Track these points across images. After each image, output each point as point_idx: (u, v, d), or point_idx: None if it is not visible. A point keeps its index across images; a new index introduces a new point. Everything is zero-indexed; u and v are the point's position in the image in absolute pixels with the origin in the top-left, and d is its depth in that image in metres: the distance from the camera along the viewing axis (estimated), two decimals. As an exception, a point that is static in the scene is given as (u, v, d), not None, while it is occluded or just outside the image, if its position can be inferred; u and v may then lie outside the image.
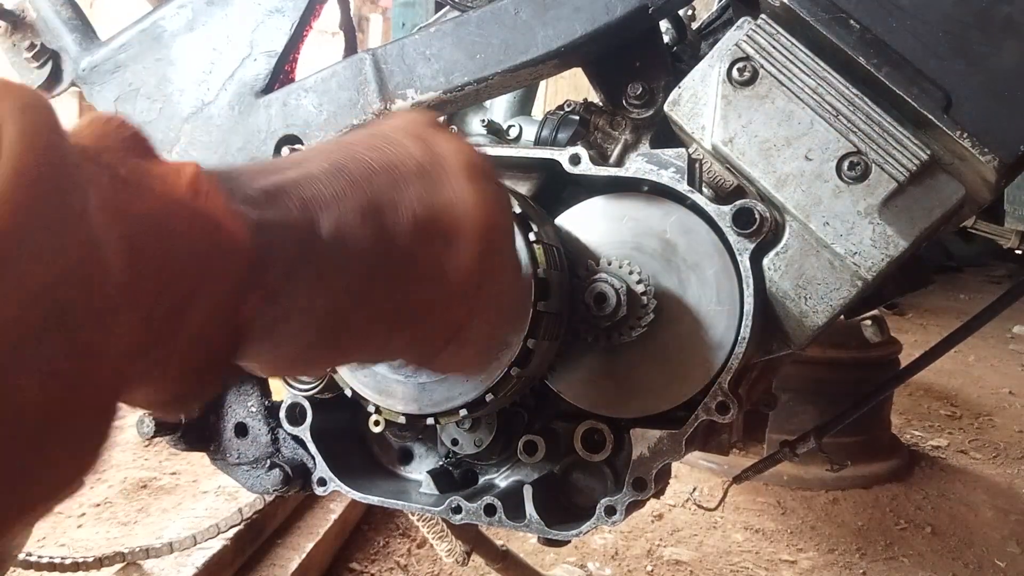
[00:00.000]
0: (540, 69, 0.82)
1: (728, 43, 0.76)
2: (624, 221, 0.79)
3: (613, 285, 0.75)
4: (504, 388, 0.72)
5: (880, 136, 0.71)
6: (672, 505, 2.70)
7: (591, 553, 2.40)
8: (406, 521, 2.40)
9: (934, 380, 4.17)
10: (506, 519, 0.79)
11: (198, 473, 2.49)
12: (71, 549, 2.05)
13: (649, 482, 0.75)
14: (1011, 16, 0.68)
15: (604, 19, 0.78)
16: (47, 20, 1.03)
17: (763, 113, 0.74)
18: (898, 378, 1.24)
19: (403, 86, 0.85)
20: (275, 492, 0.92)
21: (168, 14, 0.96)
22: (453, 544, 1.59)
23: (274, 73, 0.92)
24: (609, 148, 0.87)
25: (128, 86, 0.98)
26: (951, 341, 1.05)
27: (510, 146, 0.90)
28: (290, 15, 0.93)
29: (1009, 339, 5.24)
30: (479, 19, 0.82)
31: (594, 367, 0.80)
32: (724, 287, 0.75)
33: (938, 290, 6.41)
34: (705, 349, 0.76)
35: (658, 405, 0.77)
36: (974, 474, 3.19)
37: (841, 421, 1.18)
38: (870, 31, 0.71)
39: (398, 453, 0.94)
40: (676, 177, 0.77)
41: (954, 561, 2.52)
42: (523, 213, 0.72)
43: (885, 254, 0.71)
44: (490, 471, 0.89)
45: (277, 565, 2.05)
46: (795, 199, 0.73)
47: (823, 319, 0.75)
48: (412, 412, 0.75)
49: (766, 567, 2.42)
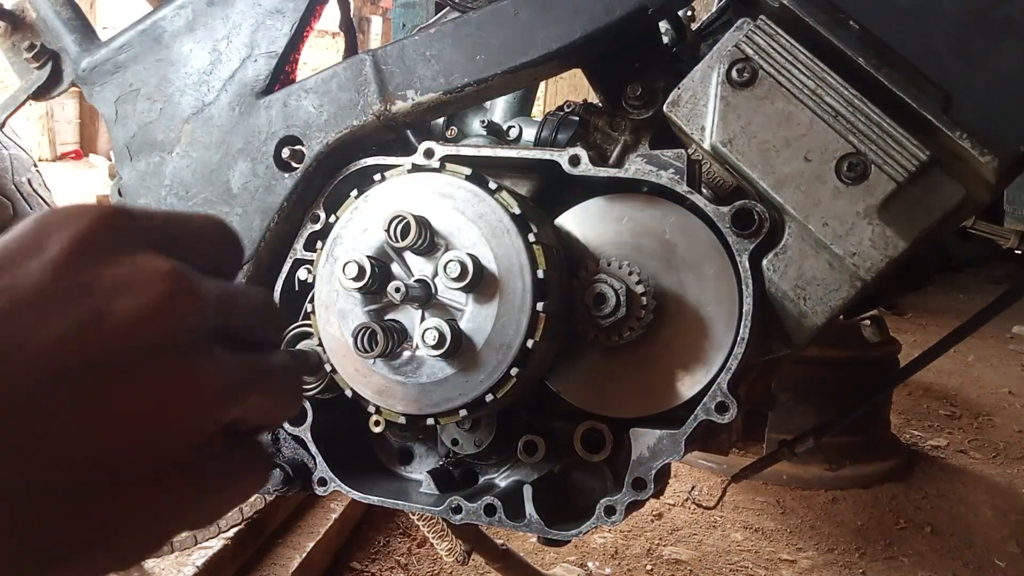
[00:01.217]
0: (540, 70, 0.82)
1: (727, 44, 0.76)
2: (624, 221, 0.79)
3: (613, 286, 0.75)
4: (504, 388, 0.72)
5: (879, 137, 0.71)
6: (671, 504, 2.70)
7: (591, 552, 2.40)
8: (406, 520, 2.40)
9: (934, 380, 4.17)
10: (506, 519, 0.79)
11: (198, 473, 2.49)
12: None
13: (648, 482, 0.76)
14: (1011, 16, 0.68)
15: (604, 20, 0.78)
16: (47, 20, 1.03)
17: (762, 114, 0.74)
18: (897, 378, 1.24)
19: (403, 87, 0.85)
20: (276, 492, 0.92)
21: (168, 15, 0.97)
22: (453, 543, 1.59)
23: (274, 74, 0.92)
24: (609, 149, 0.87)
25: (128, 86, 0.98)
26: (950, 341, 1.05)
27: (510, 147, 0.91)
28: (290, 16, 0.93)
29: (1009, 339, 5.24)
30: (479, 20, 0.82)
31: (594, 367, 0.80)
32: (723, 288, 0.76)
33: (938, 290, 6.41)
34: (704, 349, 0.76)
35: (658, 405, 0.78)
36: (974, 474, 3.19)
37: (841, 421, 1.19)
38: (869, 31, 0.71)
39: (398, 453, 0.95)
40: (675, 178, 0.77)
41: (954, 561, 2.52)
42: (522, 214, 0.72)
43: (884, 255, 0.71)
44: (490, 471, 0.89)
45: (278, 564, 2.05)
46: (794, 200, 0.73)
47: (822, 319, 0.75)
48: (412, 412, 0.75)
49: (765, 566, 2.42)
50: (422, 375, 0.74)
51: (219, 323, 0.38)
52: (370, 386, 0.76)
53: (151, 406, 0.34)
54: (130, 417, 0.33)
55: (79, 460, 0.32)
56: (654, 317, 0.77)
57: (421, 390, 0.74)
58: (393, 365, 0.75)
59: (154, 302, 0.34)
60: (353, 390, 0.78)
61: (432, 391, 0.74)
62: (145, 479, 0.34)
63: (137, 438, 0.33)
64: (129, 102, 0.98)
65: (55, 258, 0.33)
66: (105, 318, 0.33)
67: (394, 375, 0.75)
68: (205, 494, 0.38)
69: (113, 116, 0.98)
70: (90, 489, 0.33)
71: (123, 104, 0.98)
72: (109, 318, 0.33)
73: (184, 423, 0.35)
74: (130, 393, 0.33)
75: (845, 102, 0.72)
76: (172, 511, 0.37)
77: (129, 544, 0.36)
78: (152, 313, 0.34)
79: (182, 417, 0.35)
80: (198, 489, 0.37)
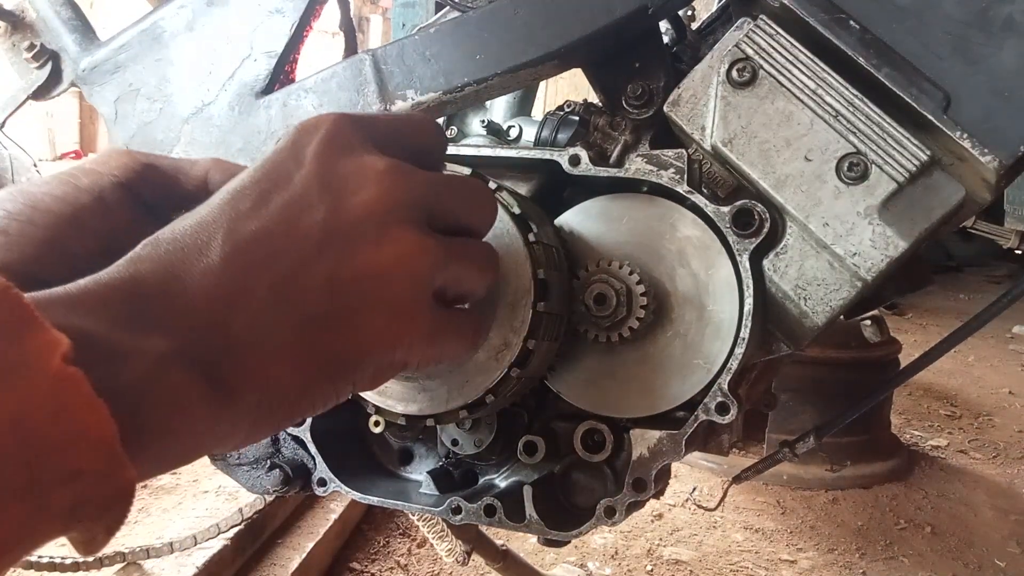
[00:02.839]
0: (540, 70, 0.82)
1: (727, 44, 0.76)
2: (624, 221, 0.79)
3: (613, 286, 0.75)
4: (504, 389, 0.72)
5: (880, 137, 0.71)
6: (672, 505, 2.70)
7: (591, 553, 2.40)
8: (406, 521, 2.41)
9: (934, 380, 4.17)
10: (506, 519, 0.79)
11: (198, 473, 2.49)
12: (71, 549, 2.05)
13: (649, 482, 0.75)
14: (1011, 16, 0.68)
15: (604, 20, 0.78)
16: (47, 20, 1.03)
17: (763, 114, 0.74)
18: (898, 378, 1.24)
19: (403, 87, 0.85)
20: (275, 492, 0.92)
21: (168, 14, 0.96)
22: (453, 544, 1.59)
23: (274, 74, 0.92)
24: (609, 148, 0.87)
25: (128, 86, 0.98)
26: (951, 341, 1.05)
27: (510, 147, 0.90)
28: (290, 16, 0.93)
29: (1009, 339, 5.24)
30: (479, 19, 0.82)
31: (594, 367, 0.80)
32: (724, 288, 0.76)
33: (938, 290, 6.42)
34: (704, 350, 0.76)
35: (658, 405, 0.78)
36: (974, 474, 3.19)
37: (841, 421, 1.18)
38: (870, 31, 0.71)
39: (398, 453, 0.94)
40: (676, 178, 0.77)
41: (954, 561, 2.53)
42: (522, 214, 0.72)
43: (885, 255, 0.71)
44: (490, 471, 0.89)
45: (277, 565, 2.05)
46: (795, 200, 0.73)
47: (823, 320, 0.75)
48: (412, 413, 0.75)
49: (766, 567, 2.42)
50: (422, 375, 0.74)
51: (430, 205, 0.51)
52: (370, 386, 0.76)
53: (381, 261, 0.47)
54: (368, 270, 0.47)
55: (336, 299, 0.46)
56: (654, 317, 0.77)
57: (421, 390, 0.74)
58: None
59: (378, 192, 0.48)
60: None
61: (432, 391, 0.74)
62: (382, 314, 0.48)
63: (374, 285, 0.47)
64: (129, 102, 0.98)
65: (309, 171, 0.48)
66: (345, 205, 0.47)
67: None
68: (426, 336, 0.51)
69: (113, 116, 0.98)
70: (347, 320, 0.46)
71: (123, 104, 0.98)
72: (348, 205, 0.47)
73: (404, 276, 0.48)
74: (366, 253, 0.47)
75: (846, 102, 0.72)
76: (402, 343, 0.50)
77: (374, 366, 0.49)
78: (376, 199, 0.48)
79: (401, 271, 0.48)
80: (420, 330, 0.50)
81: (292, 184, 0.47)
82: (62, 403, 0.33)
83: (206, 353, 0.42)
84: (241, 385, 0.43)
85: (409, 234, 0.49)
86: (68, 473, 0.34)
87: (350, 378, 0.49)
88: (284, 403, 0.46)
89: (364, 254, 0.47)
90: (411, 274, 0.48)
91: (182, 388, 0.40)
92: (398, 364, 0.51)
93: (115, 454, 0.35)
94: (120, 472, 0.36)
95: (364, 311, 0.47)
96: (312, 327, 0.45)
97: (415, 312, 0.49)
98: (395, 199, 0.49)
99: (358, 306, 0.47)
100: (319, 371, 0.46)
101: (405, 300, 0.49)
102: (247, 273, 0.44)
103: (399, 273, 0.48)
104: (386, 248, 0.47)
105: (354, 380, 0.49)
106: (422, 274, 0.49)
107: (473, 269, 0.55)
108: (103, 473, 0.35)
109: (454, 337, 0.56)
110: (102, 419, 0.35)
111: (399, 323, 0.49)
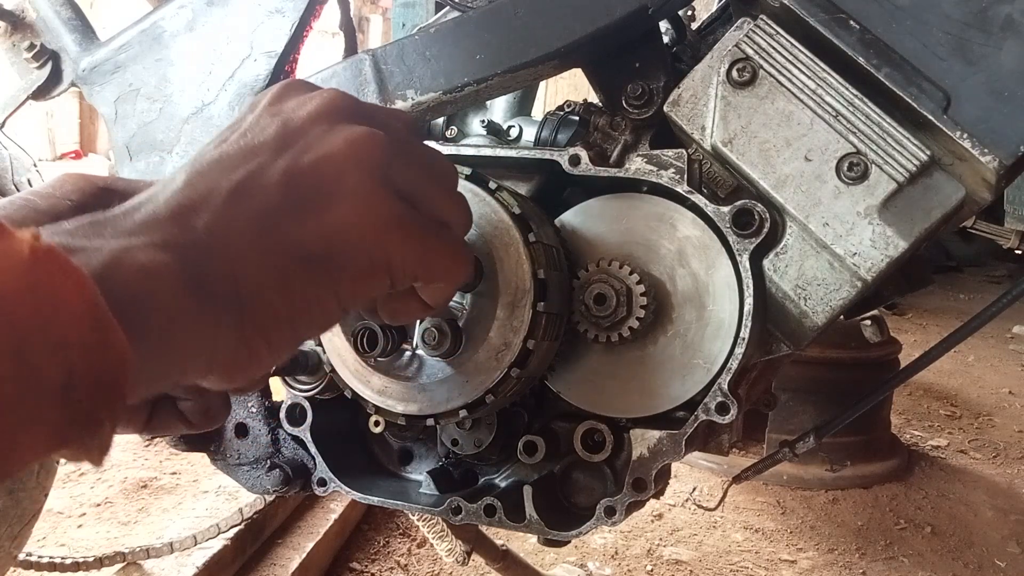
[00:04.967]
0: (540, 70, 0.82)
1: (727, 44, 0.76)
2: (624, 221, 0.79)
3: (613, 286, 0.75)
4: (504, 388, 0.72)
5: (880, 137, 0.71)
6: (672, 505, 2.70)
7: (591, 553, 2.40)
8: (406, 521, 2.41)
9: (934, 380, 4.17)
10: (506, 519, 0.79)
11: (198, 473, 2.49)
12: (71, 549, 2.05)
13: (649, 482, 0.75)
14: (1011, 16, 0.68)
15: (604, 20, 0.78)
16: (47, 20, 1.03)
17: (763, 114, 0.74)
18: (898, 378, 1.24)
19: (403, 87, 0.85)
20: (275, 492, 0.92)
21: (168, 15, 0.96)
22: (453, 544, 1.59)
23: (274, 74, 0.92)
24: (609, 148, 0.87)
25: (128, 86, 0.98)
26: (951, 341, 1.05)
27: (510, 147, 0.90)
28: (290, 16, 0.93)
29: (1009, 339, 5.24)
30: (479, 19, 0.82)
31: (594, 367, 0.80)
32: (724, 288, 0.76)
33: (938, 290, 6.41)
34: (705, 350, 0.76)
35: (658, 405, 0.78)
36: (974, 474, 3.19)
37: (841, 421, 1.18)
38: (870, 31, 0.71)
39: (398, 453, 0.94)
40: (676, 178, 0.77)
41: (954, 561, 2.53)
42: (522, 214, 0.72)
43: (885, 255, 0.71)
44: (490, 471, 0.89)
45: (277, 565, 2.05)
46: (795, 200, 0.73)
47: (823, 320, 0.75)
48: (412, 413, 0.75)
49: (766, 567, 2.42)
50: (422, 375, 0.74)
51: (399, 173, 0.52)
52: (370, 386, 0.76)
53: (332, 148, 0.50)
54: (320, 159, 0.49)
55: (291, 189, 0.48)
56: (654, 317, 0.77)
57: (421, 390, 0.74)
58: (393, 365, 0.75)
59: (329, 96, 0.53)
60: (353, 390, 0.78)
61: (432, 391, 0.74)
62: (339, 200, 0.49)
63: (327, 170, 0.49)
64: (129, 102, 0.98)
65: (262, 108, 0.53)
66: (298, 116, 0.51)
67: (394, 375, 0.75)
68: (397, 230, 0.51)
69: (113, 116, 0.98)
70: (306, 207, 0.48)
71: (123, 104, 0.98)
72: (300, 115, 0.51)
73: (354, 159, 0.50)
74: (318, 144, 0.50)
75: (846, 102, 0.72)
76: (367, 233, 0.50)
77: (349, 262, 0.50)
78: (328, 101, 0.53)
79: (352, 153, 0.50)
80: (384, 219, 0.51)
81: (246, 120, 0.53)
82: (38, 276, 0.34)
83: (172, 244, 0.43)
84: (211, 275, 0.44)
85: (357, 126, 0.51)
86: (55, 344, 0.34)
87: (328, 277, 0.49)
88: (267, 308, 0.46)
89: (316, 146, 0.50)
90: (361, 157, 0.50)
91: (152, 267, 0.41)
92: (379, 265, 0.51)
93: (99, 317, 0.35)
94: (109, 336, 0.36)
95: (321, 197, 0.49)
96: (272, 216, 0.47)
97: (373, 198, 0.50)
98: (345, 102, 0.53)
99: (314, 194, 0.49)
100: (290, 265, 0.47)
101: (360, 184, 0.50)
102: (208, 183, 0.47)
103: (350, 155, 0.50)
104: (335, 137, 0.50)
105: (335, 281, 0.50)
106: (373, 157, 0.51)
107: (427, 170, 0.55)
108: (91, 344, 0.35)
109: (435, 244, 0.54)
110: (80, 282, 0.35)
111: (358, 208, 0.50)
